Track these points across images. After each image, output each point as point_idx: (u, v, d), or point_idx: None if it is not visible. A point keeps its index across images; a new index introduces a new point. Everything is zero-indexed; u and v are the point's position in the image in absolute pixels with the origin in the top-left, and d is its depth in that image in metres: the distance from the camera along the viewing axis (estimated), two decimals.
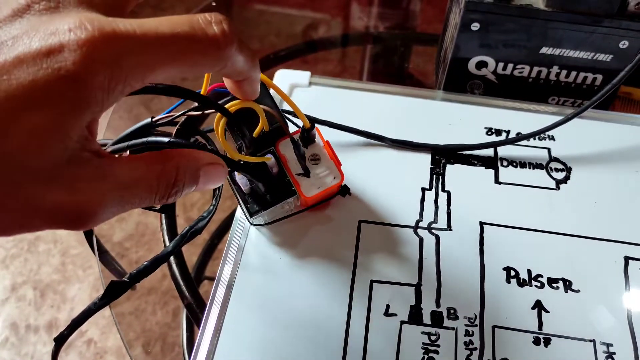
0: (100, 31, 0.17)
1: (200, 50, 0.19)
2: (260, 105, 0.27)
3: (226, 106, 0.25)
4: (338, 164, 0.30)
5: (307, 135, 0.29)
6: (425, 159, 0.35)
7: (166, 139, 0.23)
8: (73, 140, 0.17)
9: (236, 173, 0.29)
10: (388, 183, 0.34)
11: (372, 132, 0.36)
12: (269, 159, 0.29)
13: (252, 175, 0.28)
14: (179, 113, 0.25)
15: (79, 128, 0.17)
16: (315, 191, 0.29)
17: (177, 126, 0.25)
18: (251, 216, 0.30)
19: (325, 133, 0.31)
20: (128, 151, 0.24)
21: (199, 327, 0.29)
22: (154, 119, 0.25)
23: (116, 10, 0.19)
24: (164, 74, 0.19)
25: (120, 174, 0.19)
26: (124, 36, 0.17)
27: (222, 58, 0.20)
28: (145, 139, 0.24)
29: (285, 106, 0.31)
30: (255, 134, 0.28)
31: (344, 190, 0.33)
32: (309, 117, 0.29)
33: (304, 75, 0.39)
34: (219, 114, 0.25)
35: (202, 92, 0.26)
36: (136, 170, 0.20)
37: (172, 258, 0.38)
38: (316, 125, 0.29)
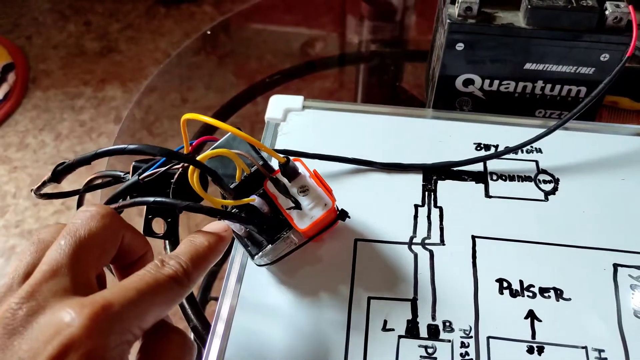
0: (91, 315, 0.20)
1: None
2: (234, 151, 0.28)
3: (198, 158, 0.26)
4: (328, 190, 0.30)
5: (286, 170, 0.29)
6: (417, 176, 0.36)
7: (151, 199, 0.26)
8: None
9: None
10: (382, 202, 0.35)
11: (363, 156, 0.37)
12: (253, 200, 0.29)
13: (239, 220, 0.28)
14: (162, 169, 0.27)
15: None
16: (309, 222, 0.29)
17: (172, 184, 0.27)
18: (252, 258, 0.30)
19: (316, 161, 0.32)
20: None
21: (204, 348, 0.30)
22: (140, 178, 0.27)
23: (85, 286, 0.22)
24: (148, 310, 0.22)
25: None
26: (104, 308, 0.20)
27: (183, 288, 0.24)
28: (132, 200, 0.26)
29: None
30: (237, 178, 0.29)
31: (343, 215, 0.32)
32: (292, 151, 0.30)
33: (297, 100, 0.41)
34: (191, 166, 0.26)
35: (184, 144, 0.28)
36: None
37: None
38: (299, 157, 0.30)
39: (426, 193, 0.36)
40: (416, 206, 0.35)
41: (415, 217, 0.34)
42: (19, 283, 0.22)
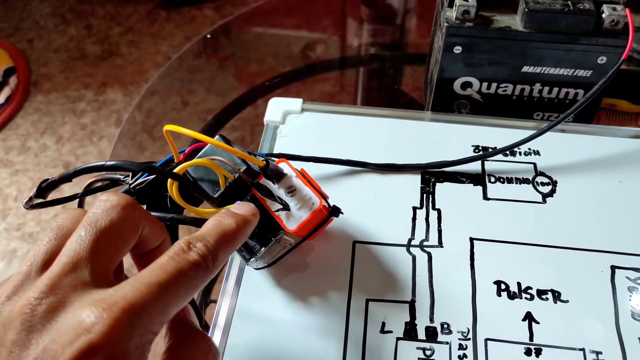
0: (111, 322, 0.19)
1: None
2: (211, 158, 0.28)
3: (177, 170, 0.27)
4: (316, 188, 0.30)
5: (267, 173, 0.29)
6: (416, 178, 0.37)
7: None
8: None
9: None
10: (380, 204, 0.35)
11: (362, 158, 0.37)
12: None
13: None
14: (151, 177, 0.28)
15: None
16: (297, 222, 0.29)
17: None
18: (247, 263, 0.30)
19: (314, 164, 0.32)
20: None
21: None
22: (131, 186, 0.28)
23: (105, 278, 0.22)
24: (167, 306, 0.21)
25: None
26: (124, 312, 0.19)
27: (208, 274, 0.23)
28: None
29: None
30: (221, 186, 0.29)
31: (335, 211, 0.31)
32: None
33: (296, 102, 0.41)
34: (170, 179, 0.26)
35: (173, 153, 0.29)
36: None
37: None
38: (293, 159, 0.30)
39: (424, 195, 0.36)
40: (414, 208, 0.35)
41: (414, 219, 0.34)
42: (37, 272, 0.21)
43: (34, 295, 0.20)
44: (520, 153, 0.37)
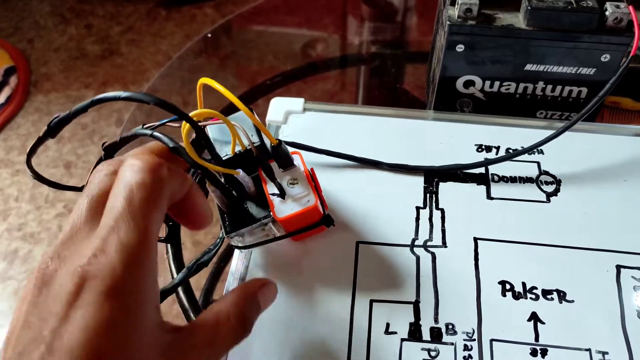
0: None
1: None
2: (233, 122, 0.27)
3: (194, 115, 0.26)
4: (318, 189, 0.30)
5: (277, 153, 0.29)
6: (419, 178, 0.36)
7: (149, 132, 0.25)
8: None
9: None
10: (383, 203, 0.35)
11: (367, 155, 0.37)
12: (237, 173, 0.28)
13: (217, 185, 0.28)
14: (163, 121, 0.27)
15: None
16: (288, 212, 0.29)
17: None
18: (227, 235, 0.30)
19: (318, 158, 0.32)
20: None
21: None
22: (144, 126, 0.27)
23: (148, 237, 0.22)
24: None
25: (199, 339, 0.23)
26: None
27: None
28: (134, 131, 0.26)
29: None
30: (231, 151, 0.29)
31: (327, 220, 0.31)
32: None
33: (298, 102, 0.41)
34: (184, 122, 0.26)
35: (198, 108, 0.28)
36: (212, 330, 0.24)
37: None
38: (301, 152, 0.30)
39: (427, 195, 0.35)
40: (418, 208, 0.35)
41: (417, 219, 0.34)
42: (87, 229, 0.22)
43: (83, 261, 0.21)
44: (525, 153, 0.37)
